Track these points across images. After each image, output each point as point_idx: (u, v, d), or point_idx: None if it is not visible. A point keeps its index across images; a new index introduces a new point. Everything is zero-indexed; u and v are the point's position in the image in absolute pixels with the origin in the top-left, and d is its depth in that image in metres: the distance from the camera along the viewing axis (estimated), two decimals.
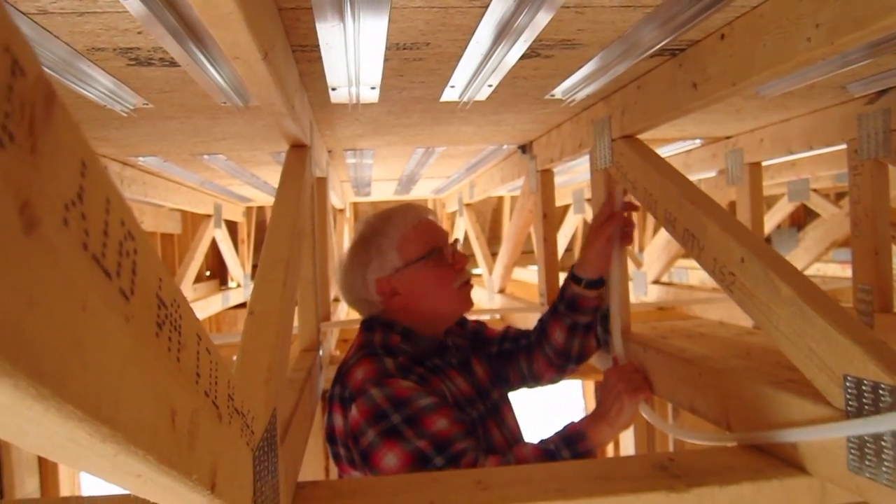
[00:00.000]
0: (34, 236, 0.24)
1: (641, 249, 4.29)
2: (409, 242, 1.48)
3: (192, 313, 0.47)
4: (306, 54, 1.28)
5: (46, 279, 0.25)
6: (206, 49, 1.19)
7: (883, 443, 0.87)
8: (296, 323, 1.86)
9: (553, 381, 1.75)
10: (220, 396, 0.55)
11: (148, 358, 0.37)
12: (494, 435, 1.47)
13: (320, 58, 1.29)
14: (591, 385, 4.43)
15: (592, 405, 4.44)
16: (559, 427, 1.37)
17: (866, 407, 0.90)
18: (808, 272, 3.11)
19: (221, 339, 3.26)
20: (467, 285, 1.54)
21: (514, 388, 1.73)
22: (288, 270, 1.12)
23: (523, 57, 1.34)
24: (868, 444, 0.90)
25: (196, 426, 0.47)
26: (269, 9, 0.97)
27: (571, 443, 1.31)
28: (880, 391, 0.88)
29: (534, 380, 1.72)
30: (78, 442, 0.32)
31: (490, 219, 6.33)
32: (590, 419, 1.40)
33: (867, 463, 0.90)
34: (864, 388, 0.90)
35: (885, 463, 0.87)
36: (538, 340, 1.69)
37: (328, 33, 1.15)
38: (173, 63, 1.26)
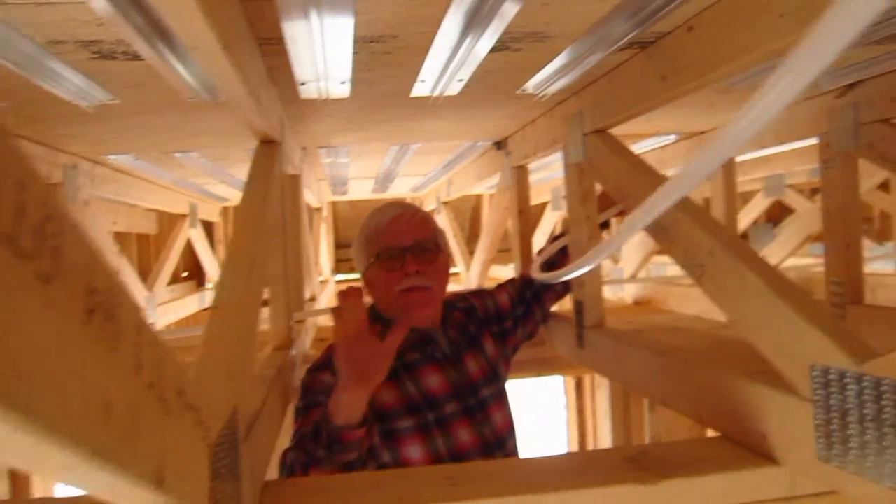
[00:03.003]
0: None
1: None
2: (369, 243, 1.54)
3: (134, 303, 0.46)
4: (273, 47, 1.26)
5: None
6: (170, 42, 1.17)
7: (849, 431, 0.87)
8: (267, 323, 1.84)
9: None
10: (168, 390, 0.54)
11: (73, 346, 0.35)
12: (460, 436, 1.44)
13: (287, 51, 1.27)
14: (571, 381, 4.43)
15: (574, 400, 4.45)
16: None
17: (833, 395, 0.90)
18: (785, 265, 3.12)
19: (190, 331, 3.27)
20: (414, 290, 1.48)
21: (533, 336, 1.90)
22: (253, 267, 1.10)
23: (493, 50, 1.33)
24: (835, 433, 0.90)
25: (137, 419, 0.45)
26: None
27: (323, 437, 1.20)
28: (846, 379, 0.88)
29: (544, 319, 1.92)
30: None
31: (469, 217, 6.31)
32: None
33: (834, 451, 0.90)
34: (830, 376, 0.90)
35: (853, 451, 0.87)
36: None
37: (292, 26, 1.14)
38: (137, 56, 1.24)
